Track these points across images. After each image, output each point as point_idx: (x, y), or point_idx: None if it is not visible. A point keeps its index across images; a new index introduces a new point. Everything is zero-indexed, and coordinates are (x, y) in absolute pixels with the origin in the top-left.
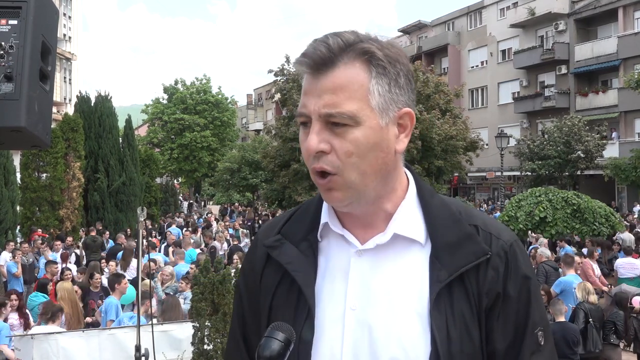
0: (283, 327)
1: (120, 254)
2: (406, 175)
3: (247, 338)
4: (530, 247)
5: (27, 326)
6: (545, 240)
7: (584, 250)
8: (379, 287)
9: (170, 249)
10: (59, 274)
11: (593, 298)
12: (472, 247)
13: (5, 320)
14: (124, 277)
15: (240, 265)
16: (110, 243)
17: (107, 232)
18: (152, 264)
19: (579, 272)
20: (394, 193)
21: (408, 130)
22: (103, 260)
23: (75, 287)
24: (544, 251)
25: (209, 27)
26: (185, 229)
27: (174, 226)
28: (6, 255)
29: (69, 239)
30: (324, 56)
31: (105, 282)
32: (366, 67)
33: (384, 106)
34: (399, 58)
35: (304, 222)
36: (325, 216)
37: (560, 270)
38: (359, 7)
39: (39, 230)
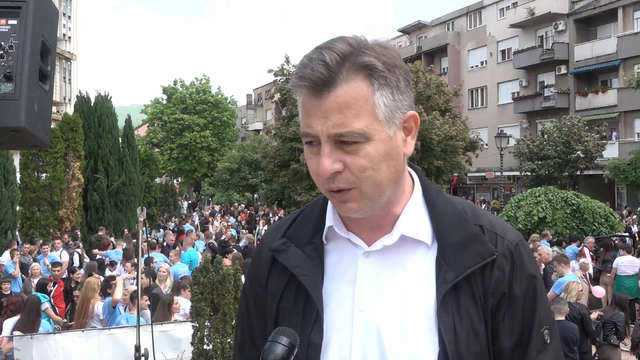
0: (287, 332)
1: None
2: (410, 175)
3: (254, 341)
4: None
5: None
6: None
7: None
8: (386, 289)
9: (178, 248)
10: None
11: (567, 296)
12: (478, 248)
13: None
14: (114, 277)
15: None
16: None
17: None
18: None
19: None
20: (403, 195)
21: (414, 132)
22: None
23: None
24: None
25: (204, 25)
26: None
27: (187, 224)
28: (7, 255)
29: (65, 236)
30: (324, 76)
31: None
32: (368, 80)
33: (390, 115)
34: (395, 62)
35: (308, 225)
36: (330, 219)
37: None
38: (355, 6)
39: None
